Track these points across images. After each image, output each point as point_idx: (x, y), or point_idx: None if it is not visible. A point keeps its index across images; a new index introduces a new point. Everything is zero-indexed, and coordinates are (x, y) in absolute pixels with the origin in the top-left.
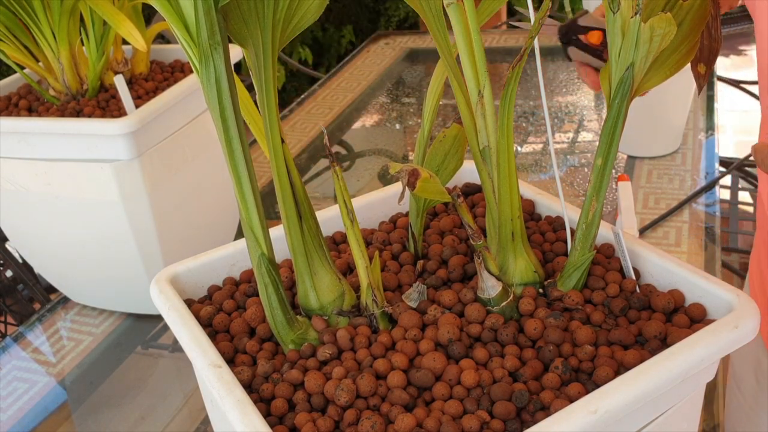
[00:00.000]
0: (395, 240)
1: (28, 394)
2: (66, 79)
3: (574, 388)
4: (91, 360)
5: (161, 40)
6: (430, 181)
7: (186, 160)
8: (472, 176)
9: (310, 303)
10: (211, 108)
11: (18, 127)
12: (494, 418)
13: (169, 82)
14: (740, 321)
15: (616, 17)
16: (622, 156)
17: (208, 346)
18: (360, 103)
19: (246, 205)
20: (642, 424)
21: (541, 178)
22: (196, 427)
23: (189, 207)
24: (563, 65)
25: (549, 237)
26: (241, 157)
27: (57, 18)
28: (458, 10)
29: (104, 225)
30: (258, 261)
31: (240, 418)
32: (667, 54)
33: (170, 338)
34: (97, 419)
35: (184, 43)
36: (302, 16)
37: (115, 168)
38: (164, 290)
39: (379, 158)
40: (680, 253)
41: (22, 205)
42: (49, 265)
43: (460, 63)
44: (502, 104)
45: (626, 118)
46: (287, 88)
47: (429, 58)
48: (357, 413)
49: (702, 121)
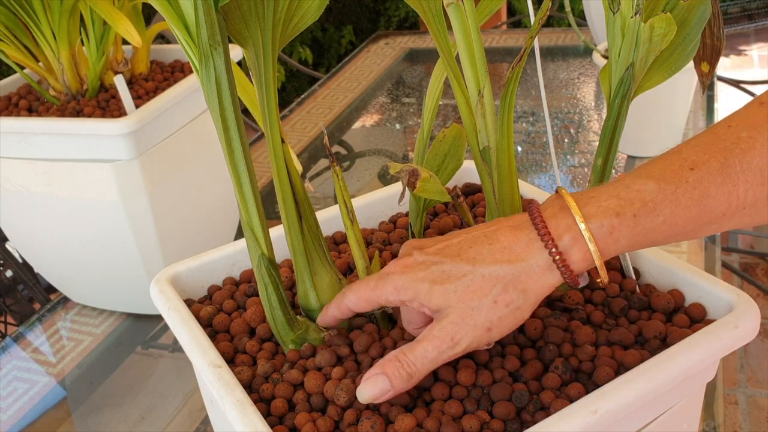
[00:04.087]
0: (395, 240)
1: (28, 394)
2: (66, 79)
3: (574, 388)
4: (91, 360)
5: (161, 40)
6: (430, 181)
7: (186, 160)
8: (472, 176)
9: (310, 303)
10: (211, 108)
11: (18, 127)
12: (494, 418)
13: (169, 82)
14: (740, 321)
15: (616, 17)
16: (622, 156)
17: (208, 346)
18: (360, 103)
19: (246, 205)
20: (642, 424)
21: (541, 178)
22: (196, 427)
23: (189, 207)
24: (563, 65)
25: None
26: (241, 157)
27: (57, 18)
28: (458, 10)
29: (104, 225)
30: (258, 261)
31: (240, 418)
32: (667, 54)
33: (170, 338)
34: (97, 419)
35: (184, 43)
36: (302, 16)
37: (115, 168)
38: (164, 290)
39: (379, 158)
40: (680, 253)
41: (22, 205)
42: (49, 265)
43: (460, 63)
44: (502, 104)
45: (626, 118)
46: (287, 88)
47: (429, 58)
48: (357, 413)
49: (702, 121)
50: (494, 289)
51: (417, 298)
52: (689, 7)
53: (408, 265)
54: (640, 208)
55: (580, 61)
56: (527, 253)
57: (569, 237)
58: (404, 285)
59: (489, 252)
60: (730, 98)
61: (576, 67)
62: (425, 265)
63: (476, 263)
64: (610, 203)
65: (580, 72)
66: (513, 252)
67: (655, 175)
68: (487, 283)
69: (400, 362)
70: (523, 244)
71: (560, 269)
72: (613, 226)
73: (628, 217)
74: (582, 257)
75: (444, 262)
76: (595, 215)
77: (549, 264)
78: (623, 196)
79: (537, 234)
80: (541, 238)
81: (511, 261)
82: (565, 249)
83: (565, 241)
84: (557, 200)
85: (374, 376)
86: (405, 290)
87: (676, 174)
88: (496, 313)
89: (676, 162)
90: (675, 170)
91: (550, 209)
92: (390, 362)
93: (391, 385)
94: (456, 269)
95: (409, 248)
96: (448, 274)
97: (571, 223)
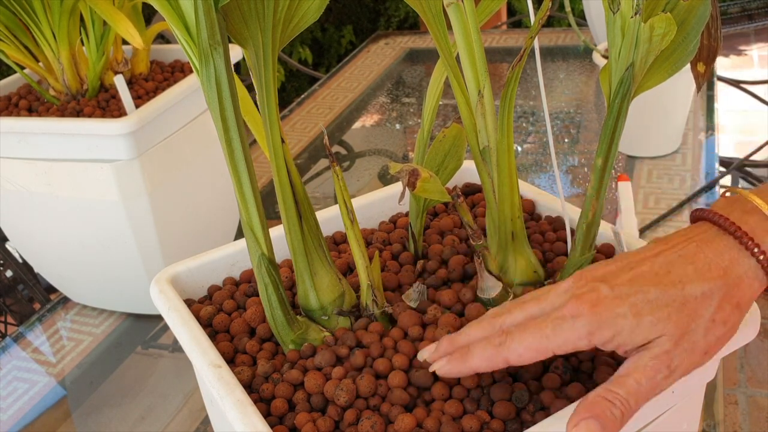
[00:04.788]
0: (395, 240)
1: (28, 394)
2: (66, 79)
3: (574, 388)
4: (91, 360)
5: (161, 40)
6: (430, 181)
7: (186, 160)
8: (472, 176)
9: (310, 303)
10: (211, 108)
11: (18, 127)
12: (494, 418)
13: (169, 82)
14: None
15: (616, 17)
16: (622, 156)
17: (208, 346)
18: (360, 103)
19: (246, 205)
20: (642, 424)
21: (541, 178)
22: (196, 427)
23: (189, 207)
24: (563, 65)
25: (549, 237)
26: (241, 157)
27: (57, 18)
28: (458, 10)
29: (104, 225)
30: (258, 261)
31: (240, 418)
32: (667, 54)
33: (170, 338)
34: (97, 419)
35: (184, 43)
36: (302, 16)
37: (115, 168)
38: (164, 290)
39: (379, 158)
40: None
41: (22, 205)
42: (49, 265)
43: (460, 63)
44: (502, 104)
45: (626, 118)
46: (287, 88)
47: (429, 58)
48: (357, 413)
49: (702, 121)
50: (709, 309)
51: (617, 338)
52: (689, 7)
53: (597, 302)
54: None
55: (580, 61)
56: (734, 264)
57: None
58: (602, 325)
59: (694, 271)
60: (730, 98)
61: (576, 67)
62: (621, 298)
63: (685, 285)
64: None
65: (580, 72)
66: (719, 266)
67: None
68: (701, 304)
69: (611, 401)
70: (725, 255)
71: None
72: None
73: None
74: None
75: (647, 291)
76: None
77: (756, 270)
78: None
79: (737, 242)
80: (745, 246)
81: (721, 276)
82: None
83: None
84: (735, 203)
85: (585, 421)
86: (602, 331)
87: None
88: (715, 333)
89: None
90: None
91: (735, 213)
92: (599, 403)
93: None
94: (663, 296)
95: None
96: (655, 303)
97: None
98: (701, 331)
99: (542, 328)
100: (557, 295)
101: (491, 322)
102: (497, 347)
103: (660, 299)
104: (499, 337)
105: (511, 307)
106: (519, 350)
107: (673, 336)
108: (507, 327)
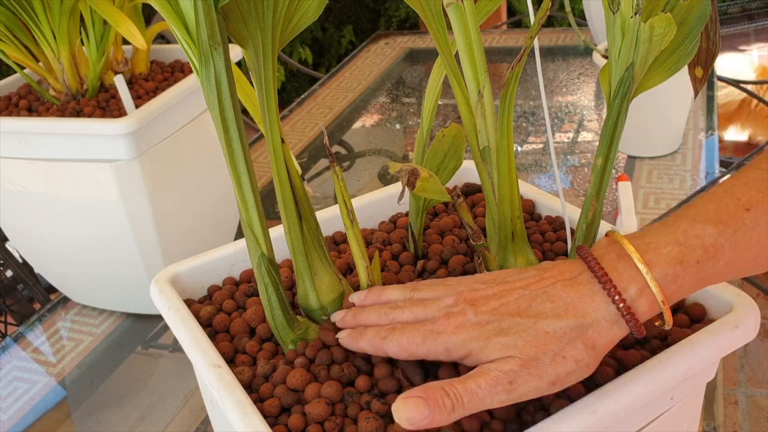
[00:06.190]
0: (395, 240)
1: (28, 394)
2: (66, 79)
3: (574, 388)
4: (91, 360)
5: (161, 40)
6: (429, 180)
7: (186, 160)
8: (472, 176)
9: (310, 303)
10: (211, 108)
11: (18, 127)
12: (494, 418)
13: (169, 82)
14: (740, 321)
15: (616, 17)
16: (622, 156)
17: (208, 346)
18: (360, 103)
19: (246, 205)
20: (642, 424)
21: (541, 178)
22: (196, 427)
23: (189, 207)
24: (563, 65)
25: (549, 237)
26: (241, 157)
27: (57, 18)
28: (458, 10)
29: (104, 225)
30: (258, 261)
31: (240, 418)
32: (667, 54)
33: (170, 338)
34: (97, 419)
35: (184, 43)
36: (302, 16)
37: (115, 168)
38: (164, 290)
39: (379, 158)
40: None
41: (22, 205)
42: (49, 265)
43: (460, 63)
44: (502, 104)
45: (626, 118)
46: (287, 88)
47: (429, 58)
48: (357, 413)
49: (702, 121)
50: (559, 343)
51: (470, 357)
52: (689, 7)
53: (460, 325)
54: (702, 254)
55: (580, 61)
56: (592, 308)
57: (635, 288)
58: (456, 346)
59: (552, 309)
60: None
61: (576, 67)
62: (479, 325)
63: (538, 319)
64: (671, 250)
65: (580, 72)
66: (577, 308)
67: (712, 217)
68: (551, 339)
69: (446, 391)
70: (587, 299)
71: (628, 321)
72: (677, 274)
73: (691, 264)
74: (649, 308)
75: (502, 321)
76: (658, 263)
77: (616, 317)
78: (683, 242)
79: (601, 287)
80: (607, 292)
81: (577, 317)
82: (632, 300)
83: (631, 293)
84: (612, 246)
85: (414, 398)
86: (456, 350)
87: (732, 216)
88: (564, 367)
89: (731, 203)
90: (731, 212)
91: (608, 257)
92: (434, 388)
93: (429, 412)
94: (516, 325)
95: (461, 303)
96: (507, 331)
97: (634, 273)
98: (548, 361)
99: (415, 335)
100: (439, 308)
101: (387, 312)
102: (382, 339)
103: (512, 328)
104: (386, 330)
105: (405, 304)
106: (395, 348)
107: (520, 359)
108: (395, 322)
